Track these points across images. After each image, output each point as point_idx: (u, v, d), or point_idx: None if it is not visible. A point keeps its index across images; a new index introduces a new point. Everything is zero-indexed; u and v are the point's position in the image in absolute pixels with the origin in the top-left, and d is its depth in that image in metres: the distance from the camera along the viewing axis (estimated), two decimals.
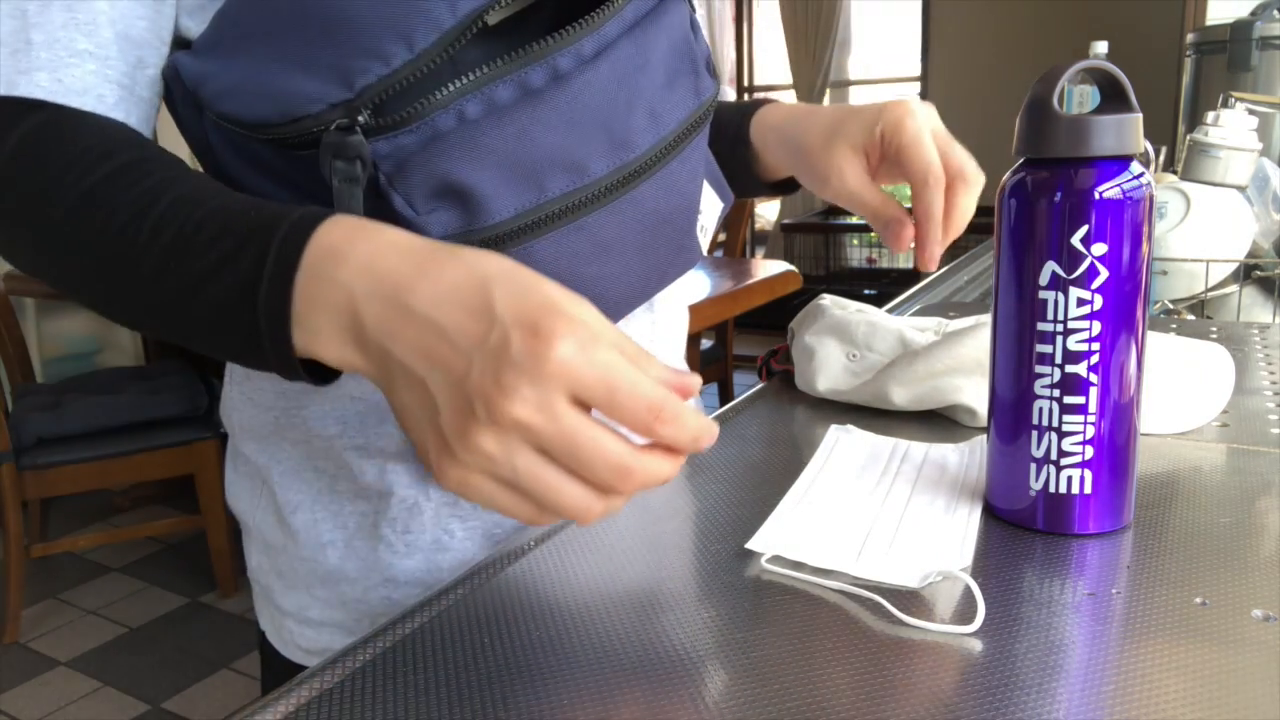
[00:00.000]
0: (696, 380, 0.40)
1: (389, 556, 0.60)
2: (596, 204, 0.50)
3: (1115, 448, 0.49)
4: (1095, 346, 0.48)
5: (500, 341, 0.36)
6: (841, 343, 0.71)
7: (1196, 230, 1.10)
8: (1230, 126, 1.16)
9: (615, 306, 0.56)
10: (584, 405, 0.37)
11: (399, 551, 0.60)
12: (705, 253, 0.62)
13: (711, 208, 0.62)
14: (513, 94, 0.48)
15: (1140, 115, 0.48)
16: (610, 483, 0.37)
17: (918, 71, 4.77)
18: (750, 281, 2.25)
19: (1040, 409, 0.49)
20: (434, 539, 0.60)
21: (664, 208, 0.55)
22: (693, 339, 2.31)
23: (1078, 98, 1.90)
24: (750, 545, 0.50)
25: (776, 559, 0.49)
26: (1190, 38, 1.93)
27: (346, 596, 0.61)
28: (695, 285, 2.23)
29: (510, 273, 0.38)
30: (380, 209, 0.47)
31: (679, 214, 0.57)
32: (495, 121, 0.48)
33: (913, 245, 0.62)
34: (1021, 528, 0.51)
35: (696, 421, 0.38)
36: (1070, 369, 0.48)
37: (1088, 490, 0.49)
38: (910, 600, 0.45)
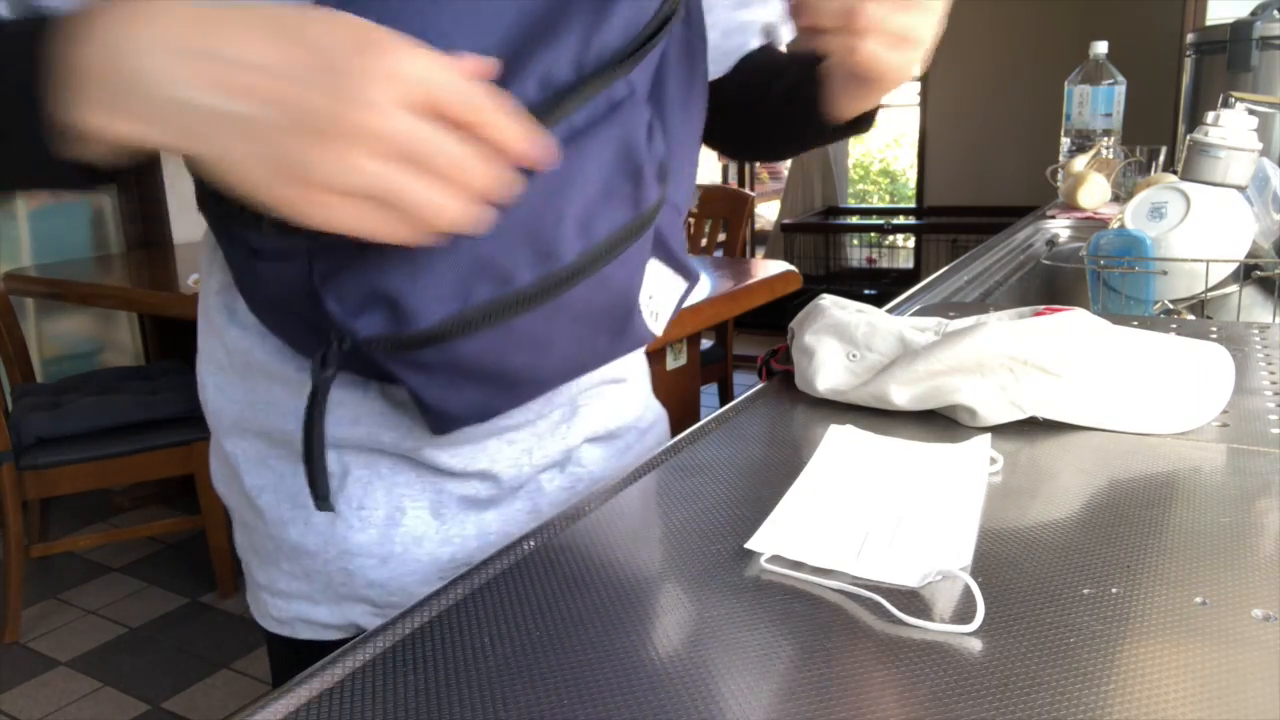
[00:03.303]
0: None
1: (344, 531, 0.63)
2: (522, 309, 0.50)
3: None
4: None
5: (332, 62, 0.39)
6: (841, 343, 0.71)
7: (1196, 230, 1.10)
8: (1230, 126, 1.16)
9: (549, 385, 0.59)
10: (413, 110, 0.40)
11: (354, 526, 0.63)
12: (659, 333, 0.62)
13: (668, 290, 0.61)
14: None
15: None
16: (451, 173, 0.41)
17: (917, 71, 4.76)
18: (750, 281, 2.25)
19: None
20: (387, 515, 0.64)
21: (597, 308, 0.54)
22: (692, 339, 2.31)
23: (1078, 98, 1.91)
24: (750, 545, 0.50)
25: (776, 559, 0.49)
26: (1190, 38, 1.93)
27: (309, 569, 0.65)
28: (696, 285, 2.23)
29: (304, 9, 0.41)
30: (312, 303, 0.50)
31: (616, 309, 0.56)
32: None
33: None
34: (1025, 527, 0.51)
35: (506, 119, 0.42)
36: None
37: None
38: (910, 600, 0.45)
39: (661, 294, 0.61)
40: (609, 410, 0.72)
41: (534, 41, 0.48)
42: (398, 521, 0.64)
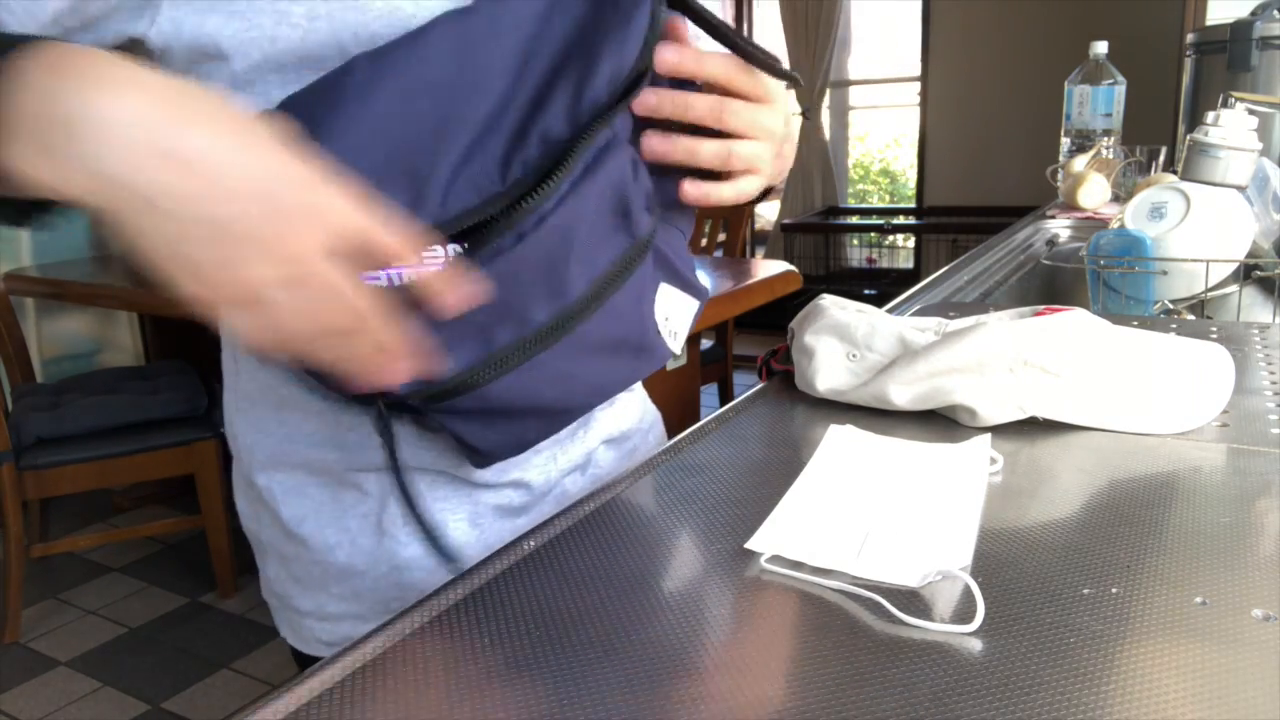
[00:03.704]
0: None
1: (393, 546, 0.65)
2: (540, 346, 0.54)
3: None
4: None
5: (282, 195, 0.41)
6: (841, 343, 0.71)
7: (1196, 230, 1.10)
8: (1230, 126, 1.16)
9: (581, 412, 0.61)
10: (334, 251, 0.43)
11: (401, 541, 0.65)
12: (679, 351, 0.65)
13: (682, 310, 0.64)
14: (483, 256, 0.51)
15: None
16: (347, 324, 0.45)
17: (918, 71, 4.77)
18: (750, 281, 2.25)
19: None
20: (431, 527, 0.65)
21: (612, 336, 0.58)
22: (693, 339, 2.31)
23: (1078, 98, 1.90)
24: (750, 545, 0.50)
25: (776, 559, 0.49)
26: (1190, 38, 1.93)
27: (359, 588, 0.67)
28: None
29: (265, 130, 0.42)
30: None
31: (630, 335, 0.59)
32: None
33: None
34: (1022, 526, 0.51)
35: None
36: None
37: None
38: (910, 600, 0.45)
39: (677, 314, 0.64)
40: (619, 415, 0.75)
41: (534, 104, 0.51)
42: (442, 534, 0.66)
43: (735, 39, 0.56)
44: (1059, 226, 1.63)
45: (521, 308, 0.52)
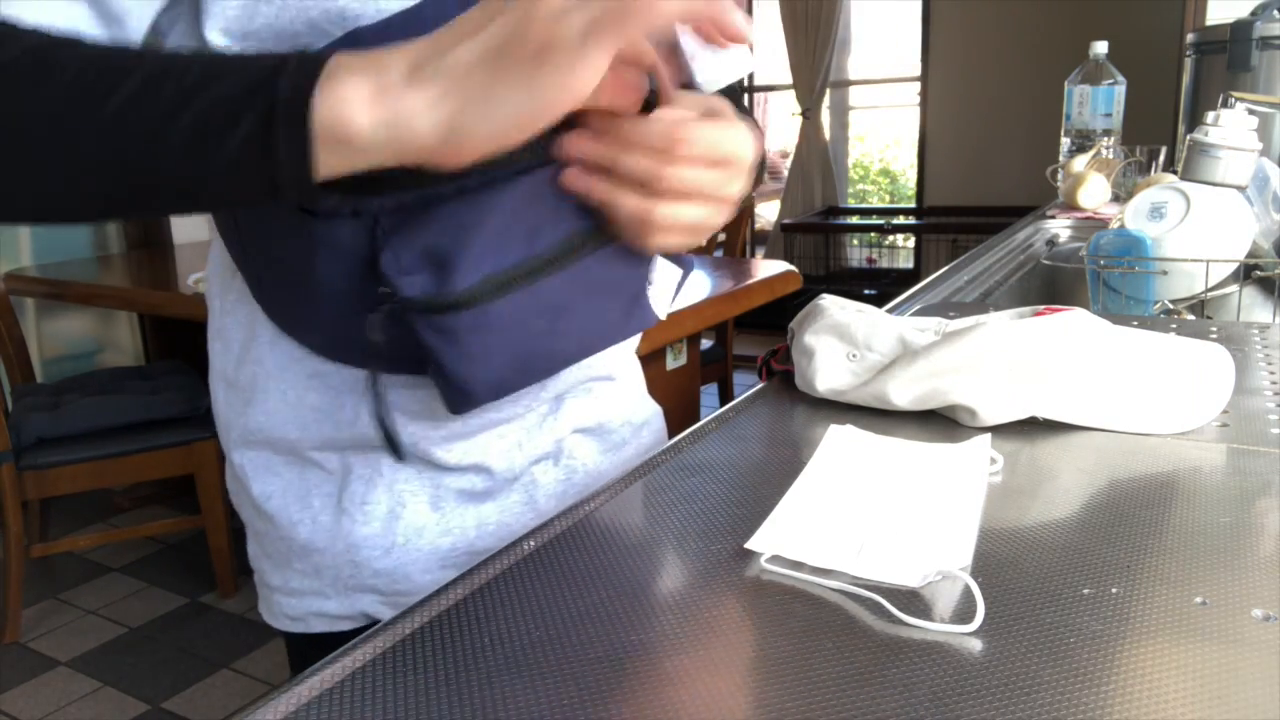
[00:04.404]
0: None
1: (350, 526, 0.67)
2: (548, 270, 0.54)
3: None
4: None
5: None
6: (841, 343, 0.71)
7: (1196, 230, 1.10)
8: (1230, 126, 1.16)
9: (563, 361, 0.61)
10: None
11: (358, 520, 0.67)
12: (662, 316, 0.65)
13: (666, 277, 0.65)
14: (509, 172, 0.51)
15: None
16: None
17: (918, 71, 4.77)
18: (750, 281, 2.24)
19: None
20: (389, 509, 0.67)
21: (612, 276, 0.58)
22: (693, 339, 2.31)
23: (1078, 98, 1.91)
24: (750, 545, 0.50)
25: (776, 559, 0.49)
26: (1190, 38, 1.93)
27: (319, 565, 0.69)
28: (695, 285, 2.24)
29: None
30: (363, 264, 0.54)
31: (627, 281, 0.60)
32: (486, 195, 0.52)
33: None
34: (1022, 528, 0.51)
35: None
36: None
37: None
38: (910, 600, 0.45)
39: (659, 280, 0.64)
40: (595, 404, 0.74)
41: None
42: (399, 515, 0.67)
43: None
44: (1059, 226, 1.63)
45: (539, 224, 0.53)
